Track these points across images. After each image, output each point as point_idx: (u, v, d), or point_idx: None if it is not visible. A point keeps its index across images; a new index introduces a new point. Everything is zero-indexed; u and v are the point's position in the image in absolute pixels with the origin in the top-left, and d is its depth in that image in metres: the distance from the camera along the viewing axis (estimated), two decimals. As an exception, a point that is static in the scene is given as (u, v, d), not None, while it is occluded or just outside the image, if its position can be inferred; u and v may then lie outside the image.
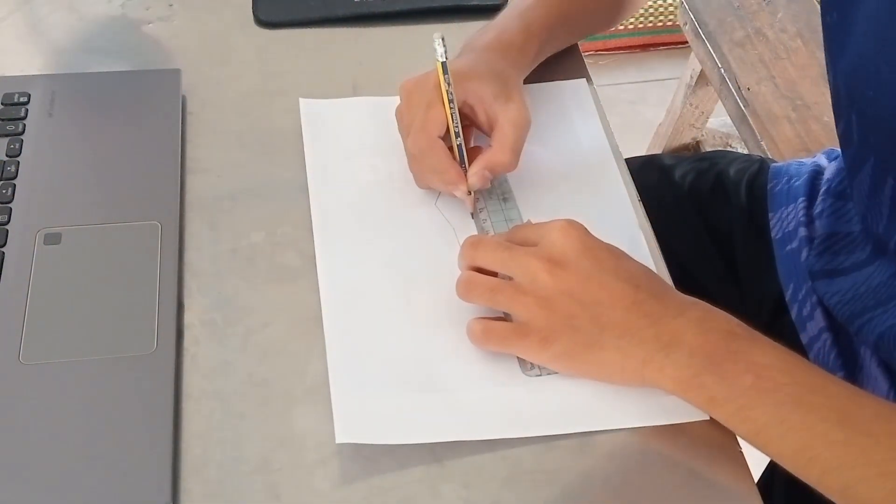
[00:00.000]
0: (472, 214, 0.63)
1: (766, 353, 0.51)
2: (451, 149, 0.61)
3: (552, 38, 0.69)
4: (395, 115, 0.64)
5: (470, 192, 0.62)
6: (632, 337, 0.52)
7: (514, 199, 0.65)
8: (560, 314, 0.52)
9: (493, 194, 0.65)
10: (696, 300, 0.54)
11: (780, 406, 0.49)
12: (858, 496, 0.47)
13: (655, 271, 0.61)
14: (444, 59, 0.59)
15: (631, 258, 0.56)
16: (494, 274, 0.56)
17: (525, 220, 0.63)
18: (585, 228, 0.55)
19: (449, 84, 0.60)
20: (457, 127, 0.61)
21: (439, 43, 0.59)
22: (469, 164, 0.61)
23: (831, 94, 0.62)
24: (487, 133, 0.63)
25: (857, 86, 0.57)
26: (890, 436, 0.47)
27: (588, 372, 0.54)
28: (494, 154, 0.61)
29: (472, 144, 0.64)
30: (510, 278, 0.55)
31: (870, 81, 0.55)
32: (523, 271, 0.54)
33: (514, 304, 0.54)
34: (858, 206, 0.63)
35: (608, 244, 0.55)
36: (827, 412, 0.48)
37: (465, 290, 0.56)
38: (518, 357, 0.56)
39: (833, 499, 0.48)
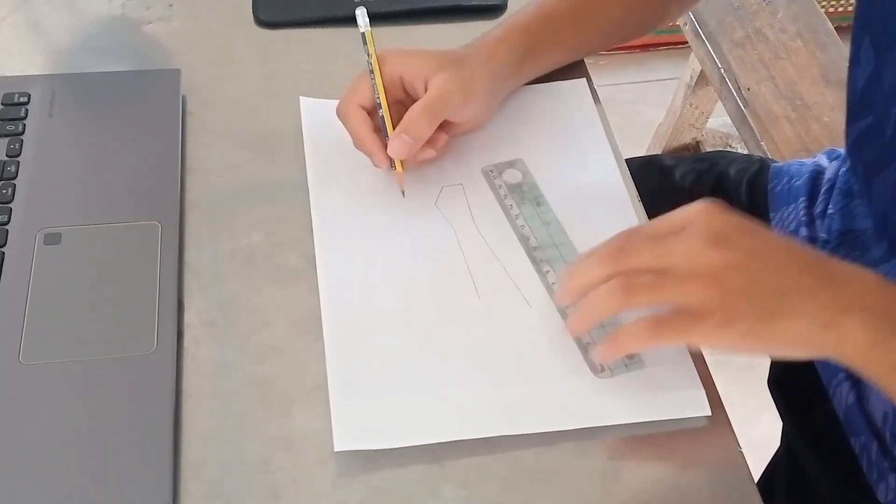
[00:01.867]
0: (402, 193, 0.63)
1: None
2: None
3: (538, 46, 0.68)
4: None
5: (394, 166, 0.61)
6: (812, 300, 0.49)
7: (547, 203, 0.64)
8: (734, 289, 0.49)
9: (525, 199, 0.64)
10: (858, 265, 0.52)
11: None
12: None
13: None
14: (364, 31, 0.62)
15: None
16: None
17: (559, 221, 0.63)
18: (726, 205, 0.53)
19: (369, 55, 0.61)
20: (378, 97, 0.61)
21: (361, 14, 0.63)
22: None
23: (857, 89, 0.59)
24: None
25: None
26: None
27: (773, 346, 0.50)
28: (409, 113, 0.60)
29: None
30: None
31: None
32: (684, 255, 0.50)
33: (682, 292, 0.50)
34: (878, 205, 0.62)
35: (752, 220, 0.53)
36: None
37: (626, 294, 0.51)
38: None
39: None
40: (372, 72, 0.61)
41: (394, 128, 0.61)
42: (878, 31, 0.58)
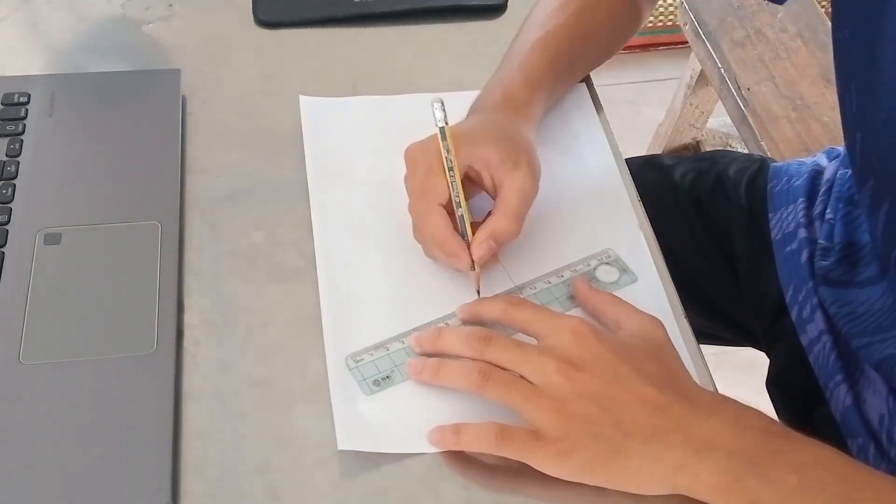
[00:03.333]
0: (477, 292, 0.59)
1: (805, 450, 0.49)
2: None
3: (558, 82, 0.67)
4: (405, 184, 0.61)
5: (474, 267, 0.58)
6: (660, 442, 0.48)
7: None
8: (578, 419, 0.49)
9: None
10: (725, 397, 0.51)
11: None
12: None
13: (656, 273, 0.61)
14: (444, 125, 0.56)
15: (653, 355, 0.52)
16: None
17: None
18: (598, 328, 0.52)
19: (448, 151, 0.56)
20: (457, 196, 0.57)
21: (438, 107, 0.56)
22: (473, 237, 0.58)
23: (841, 108, 0.60)
24: (493, 196, 0.59)
25: (869, 105, 0.55)
26: None
27: (613, 482, 0.49)
28: (499, 222, 0.57)
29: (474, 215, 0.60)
30: None
31: (883, 102, 0.53)
32: (536, 373, 0.50)
33: (528, 405, 0.50)
34: (865, 220, 0.63)
35: (625, 343, 0.52)
36: None
37: (480, 381, 0.51)
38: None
39: None
40: (451, 169, 0.57)
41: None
42: (841, 59, 0.58)
